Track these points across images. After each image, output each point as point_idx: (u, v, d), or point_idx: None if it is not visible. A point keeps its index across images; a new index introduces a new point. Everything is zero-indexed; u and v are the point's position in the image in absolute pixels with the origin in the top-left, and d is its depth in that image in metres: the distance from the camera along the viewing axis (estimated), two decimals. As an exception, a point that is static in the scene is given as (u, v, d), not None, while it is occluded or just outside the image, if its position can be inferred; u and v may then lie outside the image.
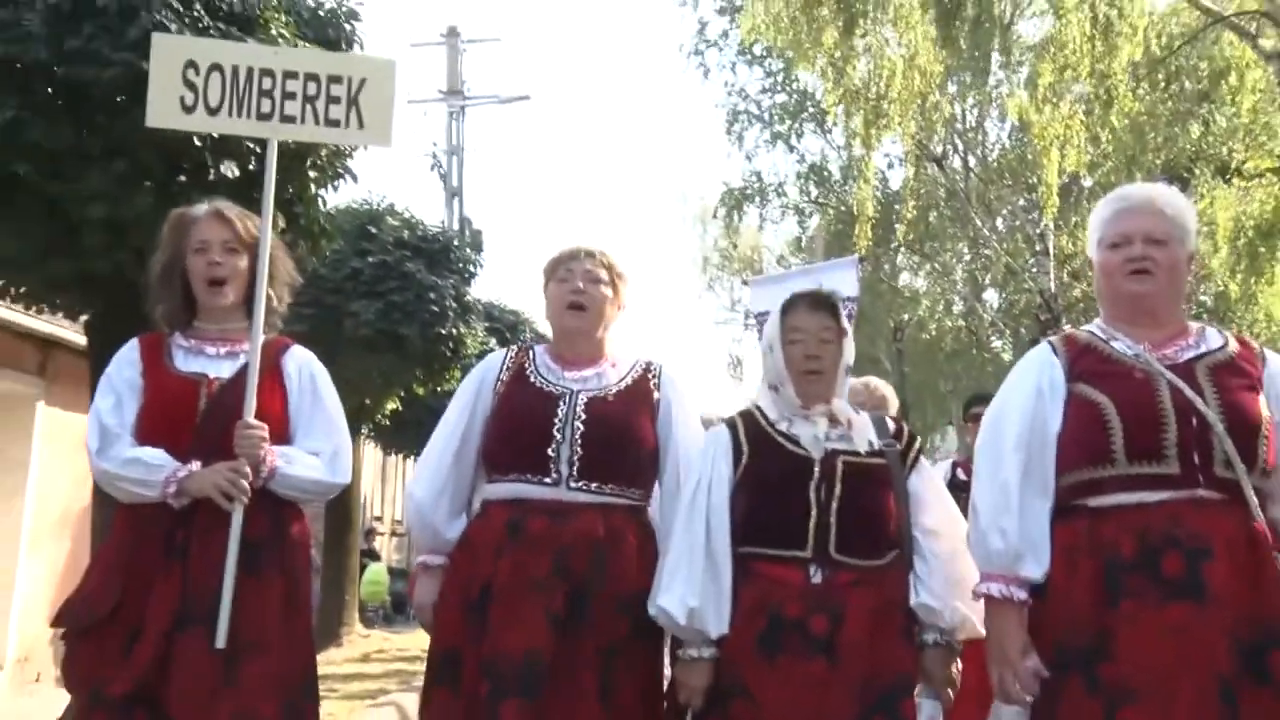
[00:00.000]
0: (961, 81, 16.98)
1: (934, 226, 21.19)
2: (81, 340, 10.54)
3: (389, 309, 11.91)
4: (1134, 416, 2.94)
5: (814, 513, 3.14)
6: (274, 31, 7.38)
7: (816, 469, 3.20)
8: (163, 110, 3.62)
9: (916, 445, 3.39)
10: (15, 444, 11.60)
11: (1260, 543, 2.86)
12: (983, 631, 3.12)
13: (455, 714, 3.28)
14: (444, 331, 12.06)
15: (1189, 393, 2.92)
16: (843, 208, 21.11)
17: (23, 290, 7.93)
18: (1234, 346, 3.11)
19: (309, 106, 3.61)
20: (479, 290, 14.27)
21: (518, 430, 3.46)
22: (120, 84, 6.73)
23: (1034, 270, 19.87)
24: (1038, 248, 19.61)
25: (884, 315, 23.81)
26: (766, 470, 3.25)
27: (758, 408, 3.41)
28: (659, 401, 3.58)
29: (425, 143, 18.20)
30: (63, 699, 9.69)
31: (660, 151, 71.76)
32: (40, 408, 11.83)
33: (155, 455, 3.21)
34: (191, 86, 3.57)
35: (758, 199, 23.35)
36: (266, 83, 3.60)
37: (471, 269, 12.88)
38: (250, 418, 3.25)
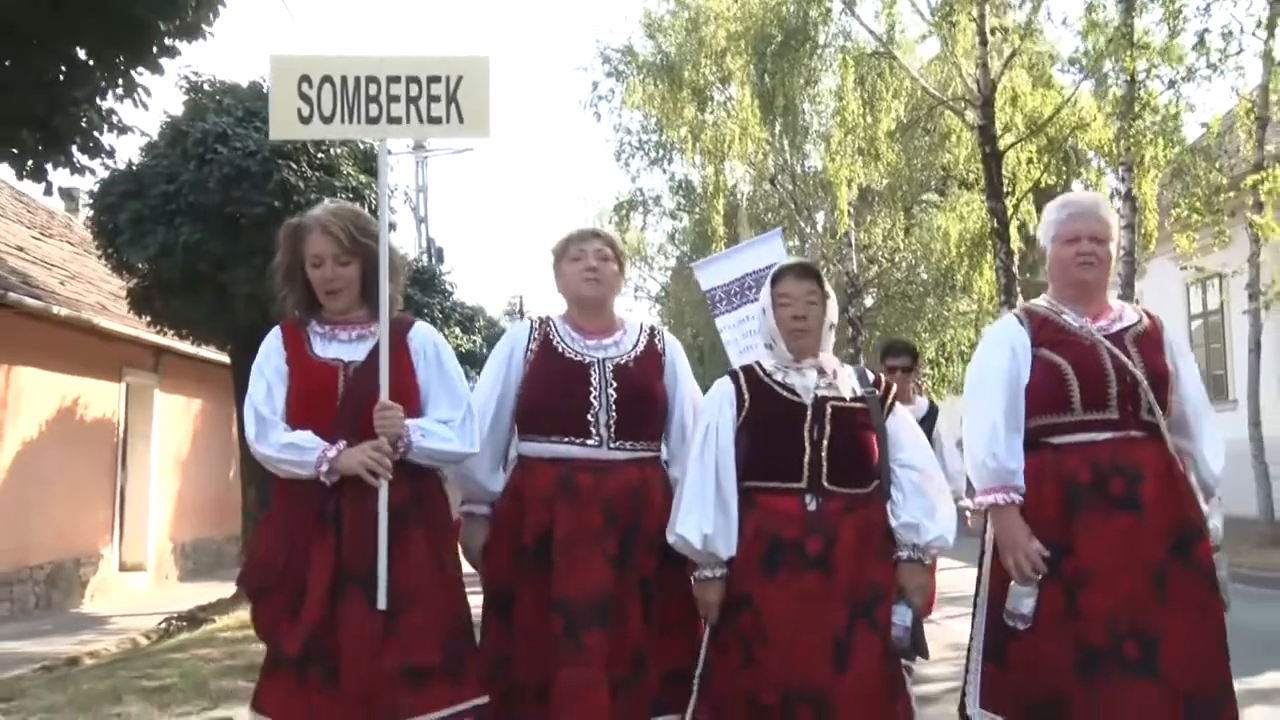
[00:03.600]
0: (783, 132, 19.35)
1: (770, 226, 23.33)
2: (181, 345, 12.79)
3: (398, 321, 14.05)
4: (1087, 375, 2.99)
5: (808, 450, 3.00)
6: (345, 171, 9.76)
7: (809, 413, 3.04)
8: (283, 123, 3.27)
9: (893, 392, 3.24)
10: (143, 419, 13.76)
11: (1175, 466, 2.99)
12: (950, 546, 3.12)
13: (505, 642, 3.13)
14: (435, 334, 14.09)
15: (1123, 357, 3.00)
16: (702, 213, 22.88)
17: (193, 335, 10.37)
18: (1146, 321, 3.15)
19: (413, 107, 3.22)
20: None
21: (557, 398, 3.21)
22: (262, 216, 9.10)
23: (842, 255, 22.02)
24: (844, 241, 22.11)
25: (737, 292, 25.62)
26: (766, 415, 3.08)
27: (758, 362, 3.22)
28: (665, 362, 3.37)
29: (399, 184, 18.93)
30: (187, 592, 12.12)
31: (565, 171, 76.52)
32: (157, 394, 14.01)
33: (306, 438, 2.91)
34: (306, 99, 3.20)
35: (640, 207, 25.15)
36: (373, 89, 3.21)
37: (449, 289, 15.20)
38: (386, 398, 2.94)
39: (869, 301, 23.63)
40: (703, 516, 2.98)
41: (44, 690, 5.80)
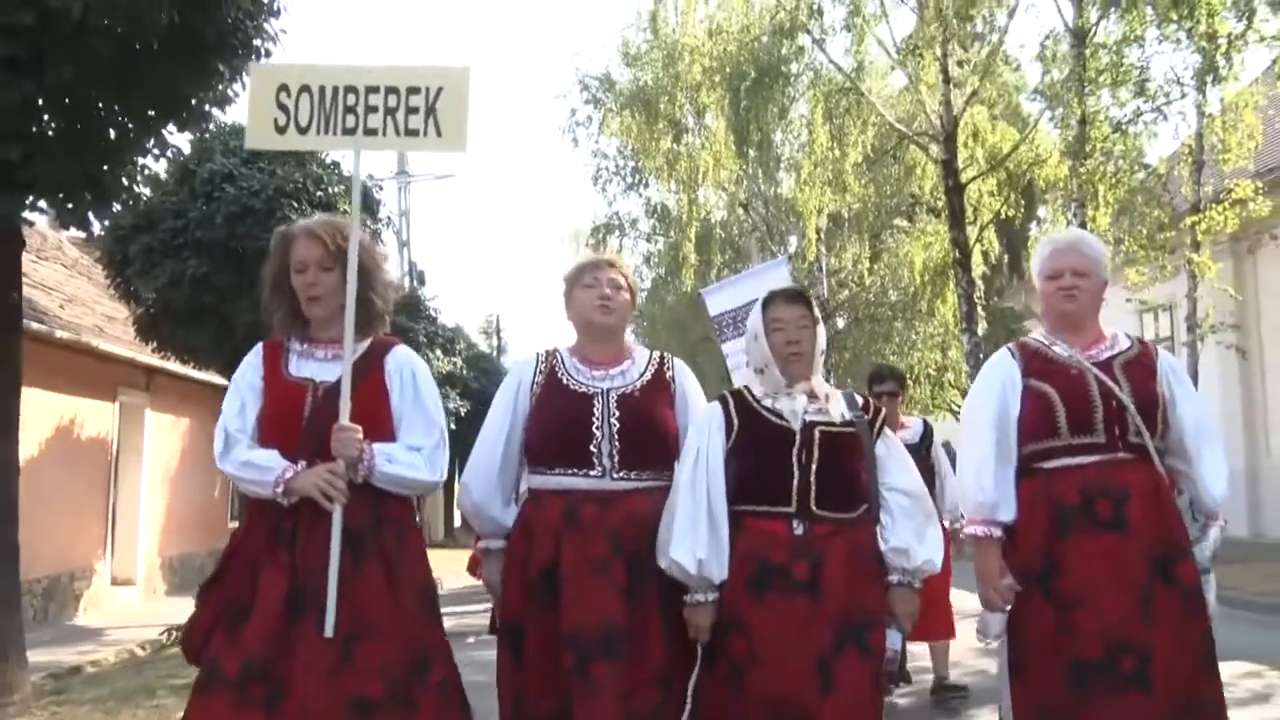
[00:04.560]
0: (756, 163, 20.16)
1: (743, 249, 24.06)
2: (171, 366, 13.40)
3: (384, 345, 14.82)
4: (1072, 402, 3.10)
5: (796, 475, 3.01)
6: (342, 209, 10.39)
7: (797, 438, 3.05)
8: (259, 133, 3.23)
9: (881, 416, 3.26)
10: (134, 435, 14.37)
11: (1163, 487, 3.09)
12: (938, 569, 3.19)
13: (519, 675, 3.12)
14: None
15: (1110, 383, 3.10)
16: (676, 238, 22.93)
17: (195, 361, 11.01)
18: (1137, 347, 3.26)
19: (390, 118, 3.16)
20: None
21: (560, 430, 3.18)
22: (264, 249, 9.60)
23: (813, 279, 22.48)
24: (815, 265, 22.83)
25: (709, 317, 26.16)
26: (754, 440, 3.08)
27: (746, 387, 3.22)
28: (675, 391, 3.32)
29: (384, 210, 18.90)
30: (174, 605, 12.92)
31: (542, 194, 79.44)
32: (148, 413, 14.65)
33: (267, 457, 2.91)
34: (284, 109, 3.16)
35: (617, 230, 25.44)
36: (351, 99, 3.16)
37: (432, 314, 15.94)
38: (345, 420, 2.89)
39: (840, 324, 24.49)
40: (695, 542, 2.98)
41: (84, 686, 6.45)
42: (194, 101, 5.85)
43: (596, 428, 3.16)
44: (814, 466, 3.02)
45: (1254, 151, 13.32)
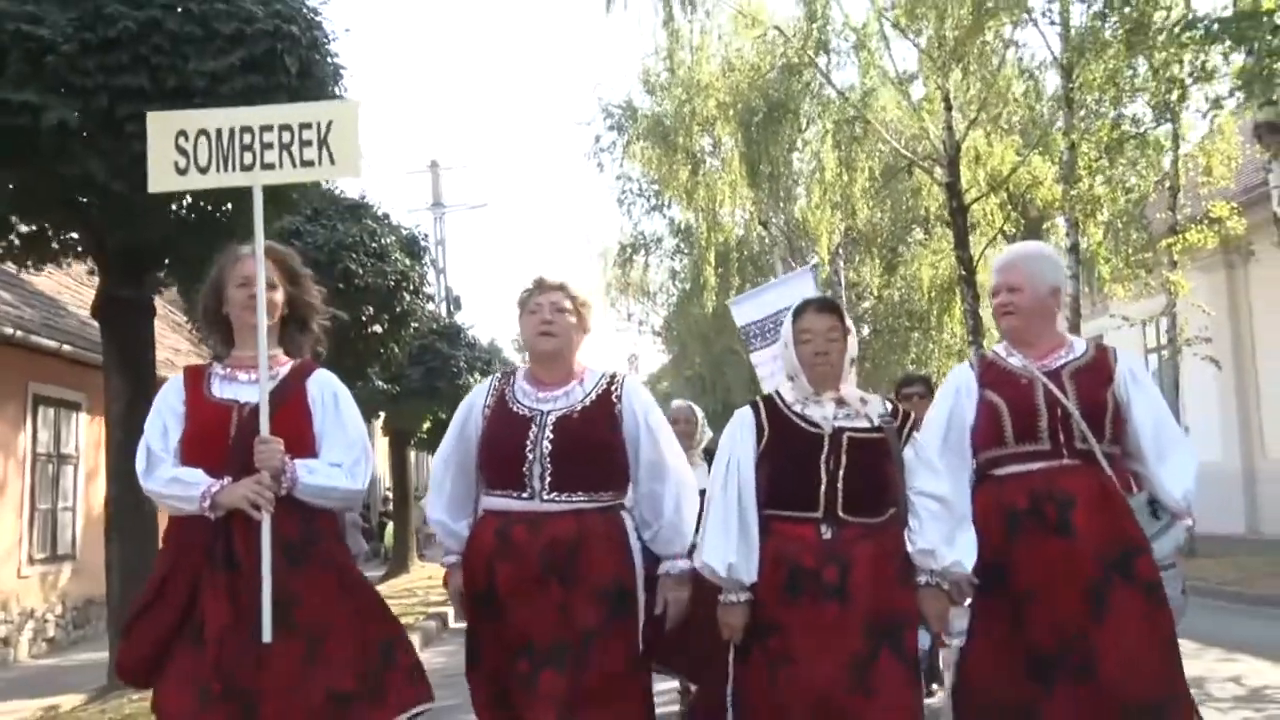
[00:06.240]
0: (770, 186, 21.46)
1: (763, 265, 25.10)
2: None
3: (429, 372, 16.55)
4: (1017, 411, 3.27)
5: (824, 480, 3.08)
6: (394, 256, 11.84)
7: (826, 443, 3.12)
8: (160, 176, 3.36)
9: (910, 421, 3.28)
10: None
11: (1110, 490, 3.22)
12: (968, 571, 3.17)
13: (481, 677, 3.30)
14: (460, 382, 16.52)
15: (1056, 392, 3.24)
16: (697, 258, 24.46)
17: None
18: (1092, 353, 3.37)
19: (285, 153, 3.29)
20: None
21: (496, 453, 3.30)
22: (325, 299, 11.11)
23: (834, 294, 23.62)
24: (833, 280, 23.88)
25: (733, 329, 26.59)
26: (784, 445, 3.16)
27: (778, 393, 3.30)
28: (621, 411, 3.34)
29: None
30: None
31: (570, 215, 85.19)
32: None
33: (192, 474, 3.00)
34: (183, 152, 3.30)
35: (643, 249, 27.13)
36: (247, 138, 3.30)
37: (471, 340, 17.54)
38: (266, 433, 3.01)
39: (865, 332, 25.62)
40: (727, 546, 3.08)
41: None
42: (294, 194, 7.40)
43: (529, 450, 3.24)
44: (841, 472, 3.11)
45: (1234, 173, 14.59)
